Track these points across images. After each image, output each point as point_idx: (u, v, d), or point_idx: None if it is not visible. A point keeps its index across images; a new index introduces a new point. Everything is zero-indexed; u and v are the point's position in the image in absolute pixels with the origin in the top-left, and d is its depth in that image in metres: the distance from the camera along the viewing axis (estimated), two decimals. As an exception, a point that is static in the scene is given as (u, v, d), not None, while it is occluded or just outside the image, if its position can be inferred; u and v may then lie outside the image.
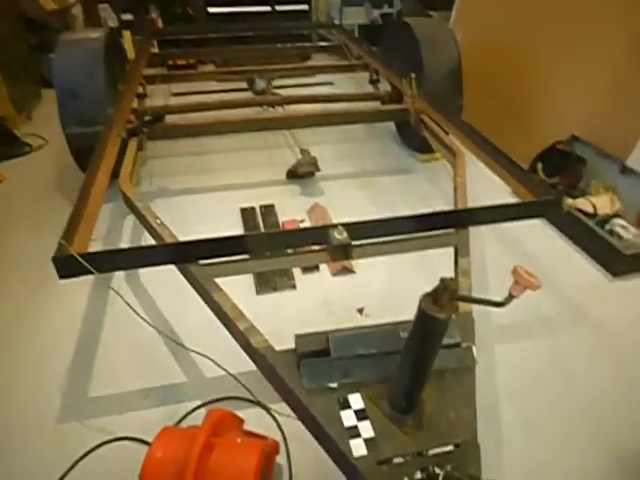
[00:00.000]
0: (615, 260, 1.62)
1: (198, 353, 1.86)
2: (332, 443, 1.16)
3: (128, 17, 5.62)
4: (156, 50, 5.00)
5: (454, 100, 3.26)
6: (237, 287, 1.63)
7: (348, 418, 1.19)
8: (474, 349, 1.36)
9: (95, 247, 1.69)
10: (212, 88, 4.79)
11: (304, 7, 6.20)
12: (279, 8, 6.10)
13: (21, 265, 2.69)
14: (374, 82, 4.15)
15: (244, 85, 4.51)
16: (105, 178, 2.15)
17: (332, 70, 4.77)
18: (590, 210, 2.90)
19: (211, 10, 5.93)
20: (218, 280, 1.58)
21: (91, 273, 1.53)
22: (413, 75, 3.01)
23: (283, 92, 4.21)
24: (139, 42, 4.52)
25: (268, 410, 1.88)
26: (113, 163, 2.33)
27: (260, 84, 4.15)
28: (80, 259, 1.51)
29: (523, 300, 1.08)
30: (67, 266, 1.53)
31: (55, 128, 3.01)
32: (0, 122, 4.03)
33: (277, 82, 4.40)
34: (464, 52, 3.38)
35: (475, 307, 1.38)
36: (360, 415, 1.20)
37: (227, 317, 1.45)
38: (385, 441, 1.15)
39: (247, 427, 1.63)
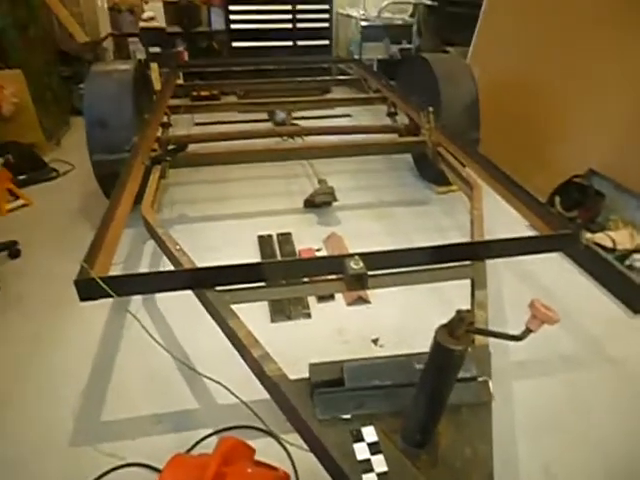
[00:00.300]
0: (636, 296, 1.59)
1: (211, 379, 1.86)
2: (344, 477, 1.14)
3: (156, 50, 5.82)
4: (181, 81, 5.16)
5: (471, 133, 3.29)
6: (252, 314, 1.64)
7: (361, 451, 1.18)
8: (490, 384, 1.34)
9: (115, 271, 1.73)
10: (234, 118, 4.91)
11: (325, 42, 6.38)
12: (300, 43, 6.29)
13: (44, 286, 2.74)
14: (392, 115, 4.21)
15: (265, 116, 4.63)
16: (128, 204, 2.21)
17: (351, 103, 4.86)
18: (609, 245, 2.87)
19: (235, 44, 6.12)
20: (233, 307, 1.59)
21: (111, 296, 1.55)
22: (431, 108, 3.06)
23: (303, 123, 4.29)
24: (165, 74, 4.68)
25: (280, 440, 1.86)
26: (136, 190, 2.39)
27: (280, 115, 4.24)
28: (101, 282, 1.54)
29: (541, 335, 1.07)
30: (88, 289, 1.56)
31: (82, 154, 3.11)
32: (30, 149, 4.18)
33: (297, 114, 4.49)
34: (481, 87, 3.43)
35: (492, 341, 1.37)
36: (373, 448, 1.18)
37: (241, 344, 1.46)
38: (398, 476, 1.13)
39: (258, 457, 1.61)
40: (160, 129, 3.51)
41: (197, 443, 1.87)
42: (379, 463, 1.15)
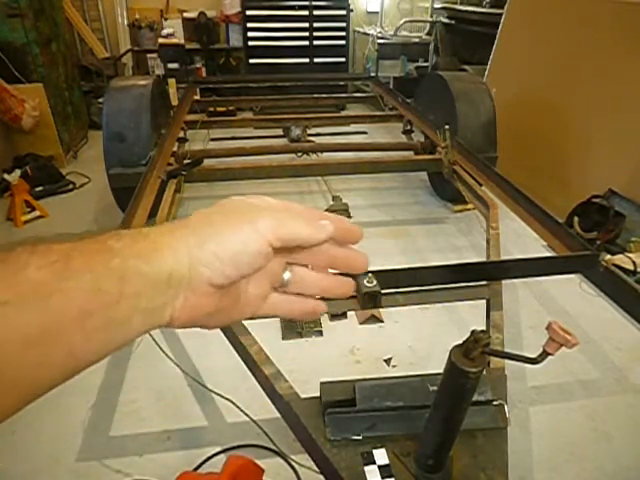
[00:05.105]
0: (657, 321, 1.55)
1: (221, 396, 1.84)
2: (354, 501, 1.11)
3: (174, 66, 5.94)
4: (198, 97, 5.23)
5: (487, 152, 3.27)
6: (263, 331, 1.62)
7: (372, 474, 1.14)
8: (506, 408, 1.30)
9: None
10: (249, 134, 4.95)
11: (341, 59, 6.44)
12: (317, 60, 6.35)
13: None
14: (407, 132, 4.22)
15: (280, 132, 4.65)
16: (143, 218, 2.21)
17: (366, 120, 4.88)
18: (630, 267, 2.81)
19: (252, 61, 6.20)
20: (245, 322, 1.58)
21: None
22: (447, 126, 3.05)
23: (318, 140, 4.30)
24: (183, 90, 4.74)
25: (288, 461, 1.82)
26: (151, 204, 2.40)
27: (296, 132, 4.25)
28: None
29: (559, 360, 1.03)
30: (99, 302, 1.55)
31: (98, 168, 3.14)
32: (48, 161, 4.24)
33: (312, 130, 4.51)
34: (498, 105, 3.42)
35: (508, 365, 1.33)
36: (384, 472, 1.15)
37: (253, 361, 1.44)
38: (410, 502, 1.09)
39: (266, 478, 1.58)
40: (176, 144, 3.54)
41: (205, 461, 1.84)
42: (390, 488, 1.11)
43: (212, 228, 0.44)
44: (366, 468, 1.16)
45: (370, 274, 1.65)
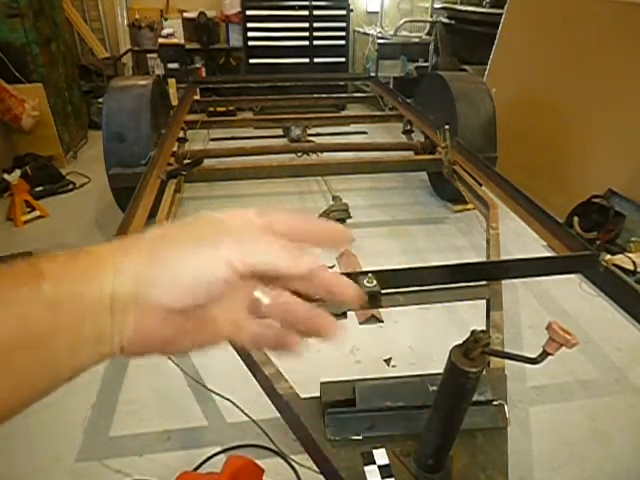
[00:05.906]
0: (657, 321, 1.55)
1: (221, 396, 1.84)
2: (354, 501, 1.11)
3: (174, 66, 5.94)
4: (198, 97, 5.23)
5: (487, 152, 3.27)
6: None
7: (372, 474, 1.14)
8: (506, 408, 1.30)
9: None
10: (249, 134, 4.95)
11: (341, 59, 6.43)
12: (317, 60, 6.35)
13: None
14: (407, 132, 4.22)
15: (280, 132, 4.65)
16: (143, 218, 2.21)
17: (366, 120, 4.88)
18: (630, 267, 2.81)
19: (252, 61, 6.20)
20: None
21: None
22: (447, 126, 3.05)
23: (318, 140, 4.30)
24: (183, 90, 4.74)
25: (288, 461, 1.82)
26: (151, 204, 2.40)
27: (296, 132, 4.25)
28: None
29: (559, 360, 1.03)
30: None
31: (98, 168, 3.14)
32: (48, 161, 4.24)
33: (312, 130, 4.51)
34: (498, 105, 3.42)
35: (508, 365, 1.33)
36: (385, 472, 1.15)
37: (252, 361, 1.44)
38: (410, 502, 1.09)
39: (266, 478, 1.58)
40: (176, 144, 3.54)
41: (205, 461, 1.84)
42: (390, 488, 1.11)
43: (167, 246, 0.38)
44: (366, 468, 1.15)
45: (370, 274, 1.66)
